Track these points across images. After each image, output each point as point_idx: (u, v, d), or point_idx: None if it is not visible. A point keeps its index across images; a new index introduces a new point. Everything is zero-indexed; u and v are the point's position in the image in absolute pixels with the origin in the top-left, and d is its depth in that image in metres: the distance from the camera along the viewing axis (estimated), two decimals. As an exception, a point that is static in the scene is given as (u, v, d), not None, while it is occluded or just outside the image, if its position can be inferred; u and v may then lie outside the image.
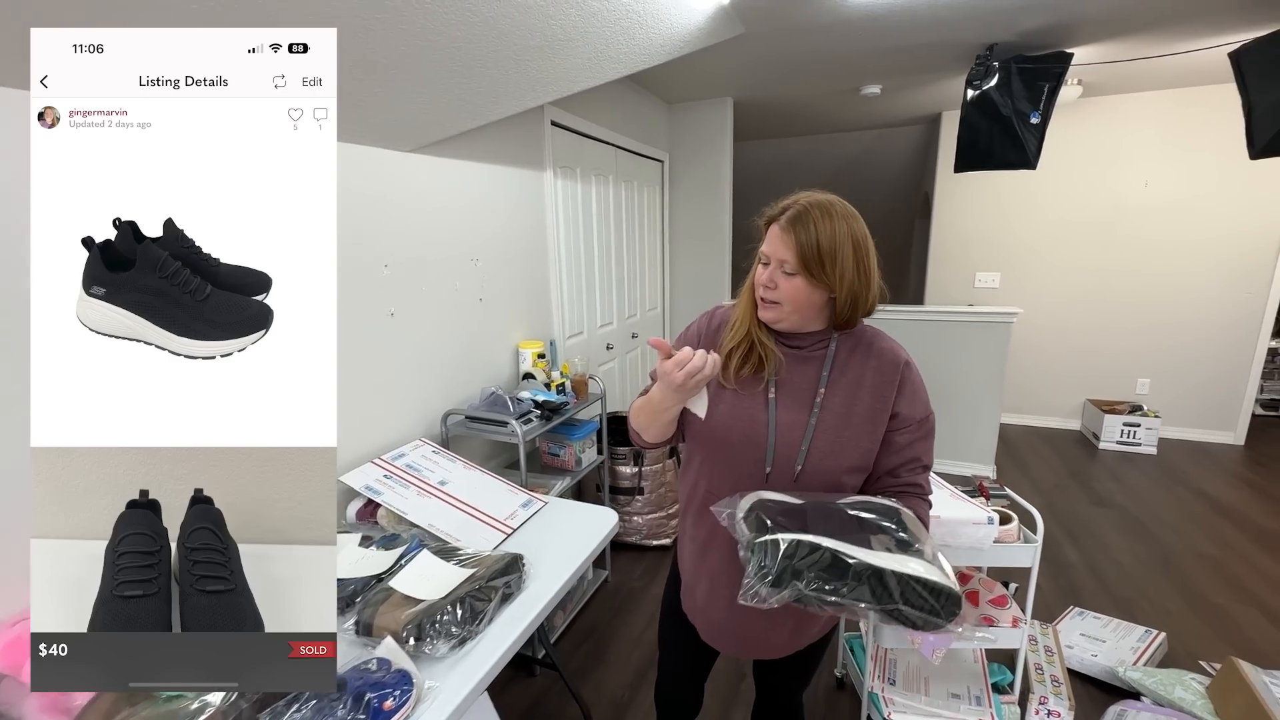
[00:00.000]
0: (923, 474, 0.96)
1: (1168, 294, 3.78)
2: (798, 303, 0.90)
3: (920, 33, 2.42)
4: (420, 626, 0.97)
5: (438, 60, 1.35)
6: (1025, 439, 4.00)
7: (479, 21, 1.29)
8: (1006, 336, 3.10)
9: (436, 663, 0.96)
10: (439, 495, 1.48)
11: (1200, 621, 2.07)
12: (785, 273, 0.89)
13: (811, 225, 0.86)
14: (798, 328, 0.94)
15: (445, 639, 0.98)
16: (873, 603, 0.76)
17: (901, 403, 0.93)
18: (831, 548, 0.77)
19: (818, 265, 0.86)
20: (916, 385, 0.95)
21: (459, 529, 1.37)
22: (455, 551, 1.22)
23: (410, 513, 1.38)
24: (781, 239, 0.89)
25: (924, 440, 0.95)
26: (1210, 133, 3.49)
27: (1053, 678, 1.63)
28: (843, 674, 1.80)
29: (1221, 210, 3.57)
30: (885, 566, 0.77)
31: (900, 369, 0.94)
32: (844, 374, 0.93)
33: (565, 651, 1.99)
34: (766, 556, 0.77)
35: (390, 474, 1.52)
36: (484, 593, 1.08)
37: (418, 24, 1.20)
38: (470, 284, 2.05)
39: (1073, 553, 2.55)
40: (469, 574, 1.11)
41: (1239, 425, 3.78)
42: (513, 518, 1.46)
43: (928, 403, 0.96)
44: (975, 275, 4.22)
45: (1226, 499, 3.06)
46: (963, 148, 2.78)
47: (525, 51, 1.52)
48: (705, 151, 3.61)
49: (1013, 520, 1.43)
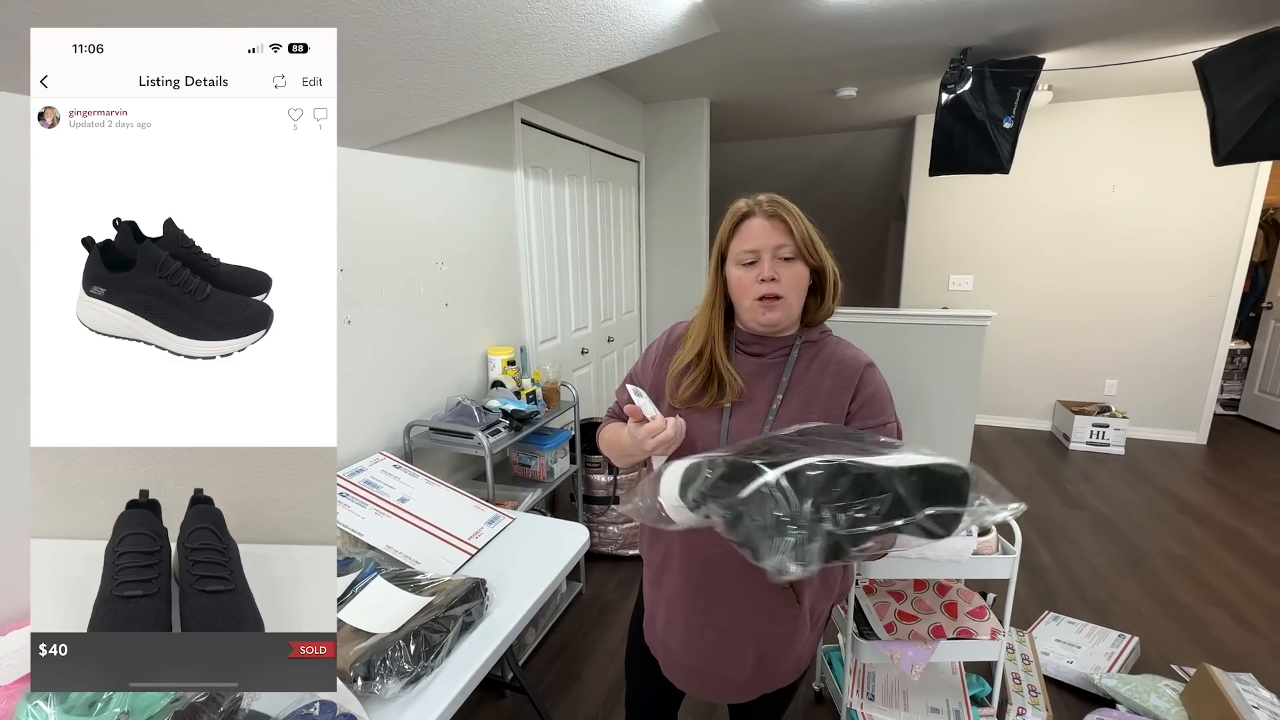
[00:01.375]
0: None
1: (1134, 296, 3.86)
2: (800, 291, 0.89)
3: (896, 35, 2.41)
4: (370, 664, 0.90)
5: (393, 52, 1.28)
6: (998, 440, 4.04)
7: (438, 13, 1.22)
8: (981, 339, 3.12)
9: (386, 704, 0.89)
10: (398, 513, 1.40)
11: (1171, 623, 2.09)
12: (784, 259, 0.87)
13: (791, 209, 0.88)
14: (788, 327, 0.92)
15: (397, 677, 0.91)
16: (909, 512, 0.60)
17: (856, 403, 0.89)
18: (835, 461, 0.62)
19: (810, 245, 0.87)
20: (878, 388, 0.90)
21: (419, 550, 1.29)
22: (413, 576, 1.15)
23: (366, 533, 1.30)
24: (771, 227, 0.87)
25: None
26: (1175, 139, 3.56)
27: (1030, 687, 1.62)
28: (820, 687, 1.77)
29: (1185, 215, 3.66)
30: (905, 464, 0.62)
31: (860, 371, 0.90)
32: (802, 382, 0.90)
33: (538, 669, 1.91)
34: (771, 506, 0.61)
35: (346, 491, 1.43)
36: (441, 623, 1.01)
37: (370, 13, 1.12)
38: (435, 288, 1.96)
39: (1047, 555, 2.56)
40: (426, 603, 1.04)
41: (1201, 425, 3.88)
42: (477, 536, 1.39)
43: (889, 409, 0.91)
44: (949, 278, 4.26)
45: (1191, 498, 3.12)
46: (937, 151, 2.78)
47: (489, 46, 1.45)
48: (682, 152, 3.57)
49: (991, 532, 1.41)
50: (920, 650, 1.39)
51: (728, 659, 0.95)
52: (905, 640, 1.41)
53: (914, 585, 1.57)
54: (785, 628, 0.93)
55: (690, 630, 0.97)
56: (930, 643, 1.40)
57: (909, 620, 1.46)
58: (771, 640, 0.94)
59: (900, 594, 1.54)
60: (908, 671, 1.39)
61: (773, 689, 0.99)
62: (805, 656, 0.99)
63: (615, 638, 2.06)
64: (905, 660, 1.39)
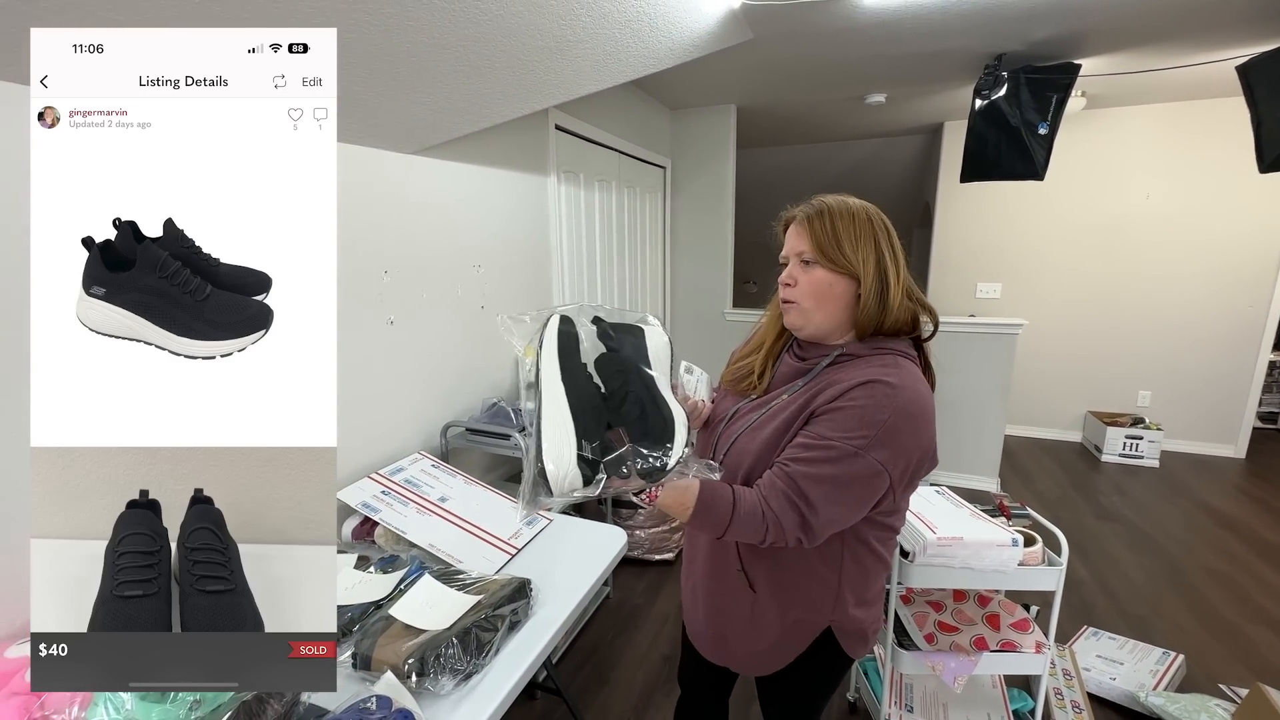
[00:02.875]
0: (782, 483, 0.78)
1: (1169, 306, 3.78)
2: (819, 298, 0.86)
3: (930, 40, 2.40)
4: (423, 660, 0.91)
5: (445, 59, 1.30)
6: (1027, 450, 3.97)
7: (489, 20, 1.24)
8: (1013, 348, 3.08)
9: (440, 700, 0.90)
10: (439, 513, 1.41)
11: (1215, 641, 2.03)
12: (803, 263, 0.87)
13: (827, 214, 0.86)
14: (824, 335, 0.89)
15: (450, 674, 0.91)
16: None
17: (820, 401, 0.81)
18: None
19: (836, 248, 0.84)
20: (857, 404, 0.78)
21: (461, 549, 1.30)
22: (458, 575, 1.16)
23: (410, 532, 1.31)
24: (797, 232, 0.88)
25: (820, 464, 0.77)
26: (1212, 146, 3.49)
27: (1074, 703, 1.58)
28: (855, 698, 1.75)
29: (1222, 223, 3.58)
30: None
31: (856, 383, 0.79)
32: (810, 388, 0.85)
33: (567, 673, 1.91)
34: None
35: (388, 490, 1.45)
36: (490, 622, 1.02)
37: (425, 20, 1.15)
38: (472, 290, 1.99)
39: (1082, 569, 2.51)
40: (474, 601, 1.05)
41: (1240, 438, 3.78)
42: (517, 536, 1.39)
43: (864, 433, 0.76)
44: (976, 285, 4.20)
45: (1231, 512, 3.03)
46: (970, 157, 2.76)
47: (533, 52, 1.47)
48: (708, 158, 3.58)
49: (1037, 542, 1.38)
50: (964, 662, 1.37)
51: (695, 606, 1.06)
52: (947, 651, 1.39)
53: (954, 596, 1.54)
54: (741, 611, 0.96)
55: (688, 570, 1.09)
56: (973, 654, 1.38)
57: (950, 631, 1.44)
58: (726, 616, 0.99)
59: (939, 604, 1.52)
60: (950, 683, 1.36)
61: (735, 670, 1.05)
62: (769, 659, 0.96)
63: (644, 642, 2.06)
64: (948, 671, 1.36)
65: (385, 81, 1.29)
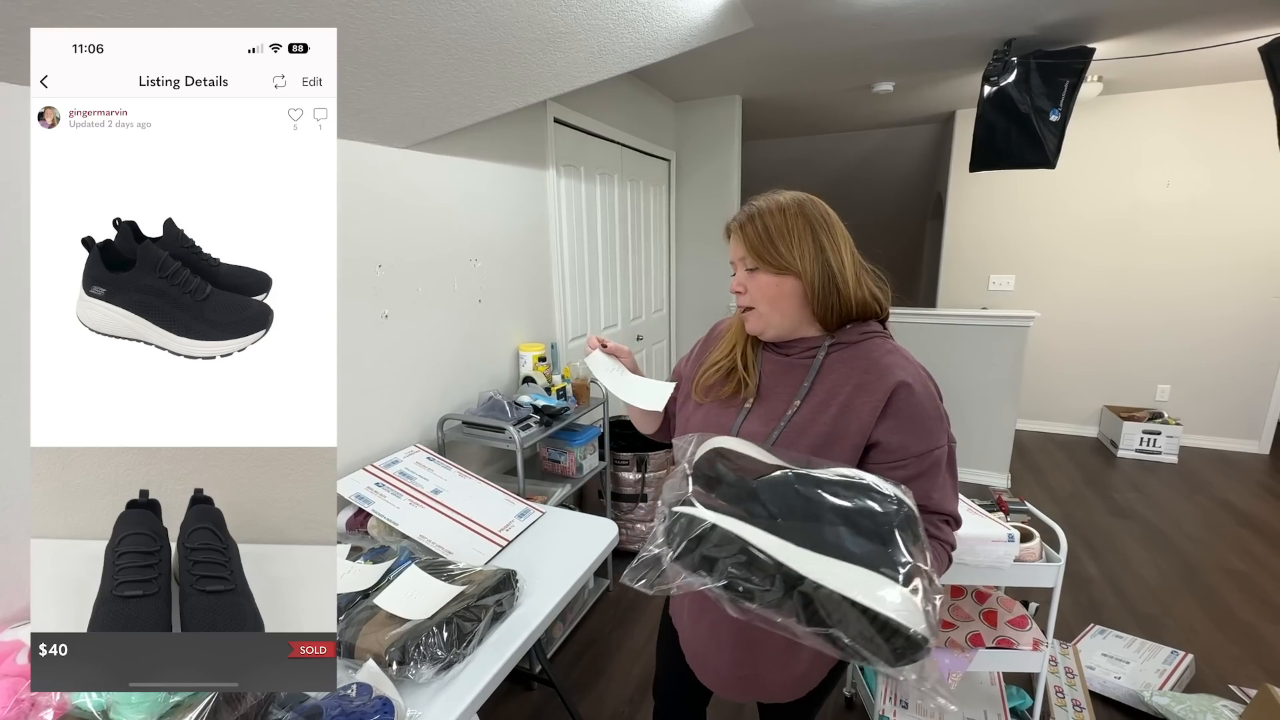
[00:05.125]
0: (940, 524, 0.80)
1: (1189, 298, 3.67)
2: (771, 300, 0.86)
3: (936, 27, 2.35)
4: (404, 649, 0.92)
5: (432, 53, 1.30)
6: (1040, 446, 3.89)
7: (475, 13, 1.24)
8: (1024, 341, 3.01)
9: (420, 688, 0.91)
10: (432, 504, 1.43)
11: (1229, 641, 1.98)
12: (748, 270, 0.87)
13: (758, 216, 0.86)
14: (787, 334, 0.89)
15: (430, 663, 0.92)
16: (803, 620, 0.61)
17: (886, 429, 0.79)
18: (745, 538, 0.62)
19: (771, 250, 0.84)
20: (916, 411, 0.79)
21: (451, 540, 1.31)
22: (445, 566, 1.17)
23: (401, 523, 1.33)
24: (735, 240, 0.89)
25: (928, 478, 0.79)
26: (1234, 131, 3.37)
27: (1074, 702, 1.55)
28: (852, 693, 1.73)
29: (1246, 211, 3.46)
30: (819, 579, 0.59)
31: (890, 389, 0.79)
32: (822, 387, 0.85)
33: (565, 664, 1.93)
34: (676, 530, 0.66)
35: (382, 481, 1.46)
36: (473, 612, 1.02)
37: (411, 14, 1.15)
38: (469, 285, 2.00)
39: (1092, 566, 2.46)
40: (458, 591, 1.06)
41: (1264, 434, 3.66)
42: (508, 529, 1.40)
43: (936, 432, 0.80)
44: (989, 277, 4.12)
45: (1252, 511, 2.95)
46: (979, 146, 2.70)
47: (525, 45, 1.46)
48: (713, 150, 3.55)
49: (1034, 538, 1.35)
50: (958, 658, 1.35)
51: (714, 648, 0.95)
52: (941, 647, 1.37)
53: (950, 591, 1.52)
54: (774, 639, 0.85)
55: (693, 607, 0.98)
56: (968, 651, 1.36)
57: (945, 627, 1.42)
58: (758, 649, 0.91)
59: (936, 600, 1.50)
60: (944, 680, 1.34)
61: (766, 701, 0.97)
62: (808, 678, 0.94)
63: (642, 635, 2.06)
64: (942, 667, 1.34)
65: (373, 75, 1.30)
